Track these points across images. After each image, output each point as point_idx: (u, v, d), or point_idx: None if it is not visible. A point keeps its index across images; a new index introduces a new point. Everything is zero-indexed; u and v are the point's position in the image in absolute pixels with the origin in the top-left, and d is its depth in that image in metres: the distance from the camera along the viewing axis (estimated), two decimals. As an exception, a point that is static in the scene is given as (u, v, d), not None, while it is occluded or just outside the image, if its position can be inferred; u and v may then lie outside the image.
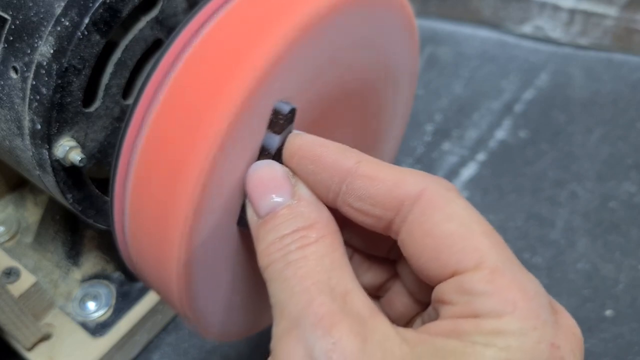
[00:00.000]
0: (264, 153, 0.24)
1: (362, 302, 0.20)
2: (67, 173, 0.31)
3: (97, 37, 0.29)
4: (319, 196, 0.23)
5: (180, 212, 0.23)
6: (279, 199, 0.22)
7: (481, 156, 0.57)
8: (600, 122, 0.60)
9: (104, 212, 0.34)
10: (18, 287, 0.38)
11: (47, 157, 0.30)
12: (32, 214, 0.45)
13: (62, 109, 0.29)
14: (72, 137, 0.30)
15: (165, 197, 0.23)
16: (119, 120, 0.32)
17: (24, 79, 0.29)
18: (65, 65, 0.28)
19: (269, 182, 0.23)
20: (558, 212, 0.52)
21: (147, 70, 0.26)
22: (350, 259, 0.26)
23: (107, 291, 0.42)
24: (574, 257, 0.49)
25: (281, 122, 0.24)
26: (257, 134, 0.24)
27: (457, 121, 0.60)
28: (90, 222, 0.34)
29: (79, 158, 0.29)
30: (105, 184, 0.32)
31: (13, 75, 0.29)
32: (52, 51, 0.28)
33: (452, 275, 0.20)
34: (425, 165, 0.56)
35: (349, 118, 0.30)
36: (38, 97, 0.28)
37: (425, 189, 0.21)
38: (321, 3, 0.24)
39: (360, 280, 0.26)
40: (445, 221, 0.21)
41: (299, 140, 0.24)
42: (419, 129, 0.59)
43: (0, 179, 0.45)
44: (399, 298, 0.26)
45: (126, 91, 0.32)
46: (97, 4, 0.28)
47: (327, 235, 0.22)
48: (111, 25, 0.29)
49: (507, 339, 0.19)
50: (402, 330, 0.20)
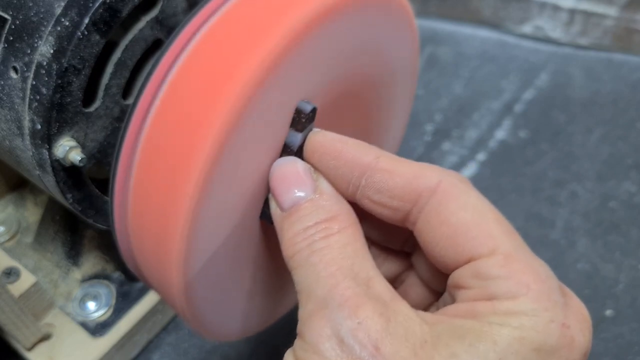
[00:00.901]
0: (286, 150, 0.25)
1: (383, 287, 0.22)
2: (67, 173, 0.31)
3: (97, 37, 0.29)
4: (340, 190, 0.24)
5: (180, 212, 0.23)
6: (302, 194, 0.23)
7: (481, 156, 0.57)
8: (600, 122, 0.60)
9: (104, 212, 0.34)
10: (18, 287, 0.38)
11: (47, 157, 0.30)
12: (32, 214, 0.45)
13: (62, 109, 0.29)
14: (72, 137, 0.30)
15: (165, 197, 0.23)
16: (119, 120, 0.32)
17: (24, 79, 0.29)
18: (65, 65, 0.28)
19: (292, 178, 0.24)
20: (558, 212, 0.52)
21: (147, 70, 0.26)
22: None
23: (107, 291, 0.42)
24: (574, 257, 0.49)
25: (303, 120, 0.25)
26: (266, 132, 0.24)
27: (457, 121, 0.60)
28: (90, 222, 0.34)
29: (79, 158, 0.29)
30: (105, 184, 0.32)
31: (13, 75, 0.29)
32: (52, 51, 0.28)
33: (468, 261, 0.22)
34: (425, 165, 0.56)
35: (349, 118, 0.30)
36: (38, 97, 0.28)
37: (441, 181, 0.23)
38: (321, 3, 0.24)
39: None
40: (460, 210, 0.22)
41: (320, 137, 0.25)
42: (419, 129, 0.59)
43: (0, 179, 0.45)
44: (414, 289, 0.27)
45: (126, 91, 0.32)
46: (97, 4, 0.28)
47: (349, 227, 0.23)
48: (111, 25, 0.29)
49: (520, 319, 0.20)
50: (422, 313, 0.21)
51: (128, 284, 0.43)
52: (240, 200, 0.25)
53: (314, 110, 0.25)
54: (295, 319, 0.23)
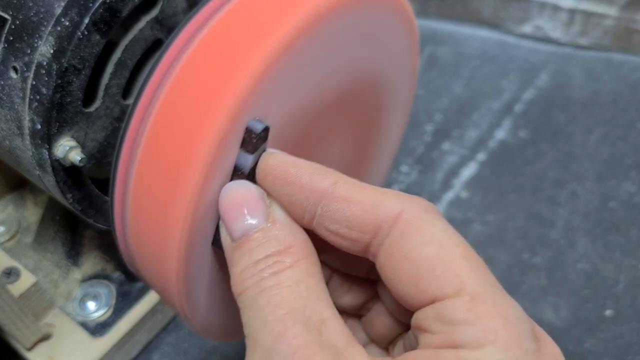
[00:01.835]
0: (237, 173, 0.23)
1: (338, 331, 0.20)
2: (67, 173, 0.31)
3: (97, 37, 0.29)
4: (295, 218, 0.22)
5: (180, 211, 0.23)
6: (253, 221, 0.22)
7: (481, 156, 0.57)
8: (600, 122, 0.60)
9: (104, 212, 0.34)
10: (18, 287, 0.38)
11: (47, 157, 0.30)
12: (32, 214, 0.45)
13: (62, 109, 0.29)
14: (72, 137, 0.30)
15: (165, 197, 0.23)
16: (119, 120, 0.32)
17: (24, 79, 0.29)
18: (65, 65, 0.28)
19: (242, 204, 0.22)
20: (558, 212, 0.52)
21: (147, 70, 0.26)
22: (329, 280, 0.26)
23: (107, 291, 0.42)
24: (574, 257, 0.49)
25: (254, 141, 0.23)
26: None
27: (457, 121, 0.60)
28: (90, 222, 0.34)
29: (79, 158, 0.29)
30: (105, 184, 0.32)
31: (13, 75, 0.29)
32: (52, 51, 0.28)
33: (432, 301, 0.20)
34: (425, 165, 0.56)
35: (349, 119, 0.30)
36: (38, 97, 0.28)
37: (403, 210, 0.21)
38: (321, 3, 0.24)
39: (340, 301, 0.26)
40: (423, 244, 0.20)
41: (273, 160, 0.23)
42: (419, 129, 0.59)
43: (0, 179, 0.45)
44: (380, 318, 0.26)
45: (126, 91, 0.32)
46: (97, 4, 0.28)
47: (303, 260, 0.21)
48: (111, 25, 0.29)
49: None
50: None
51: (128, 284, 0.43)
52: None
53: (266, 130, 0.23)
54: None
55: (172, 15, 0.32)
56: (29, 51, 0.28)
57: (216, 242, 0.24)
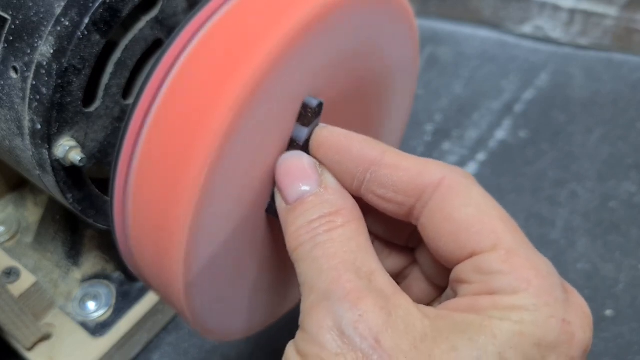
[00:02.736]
0: (292, 144, 0.25)
1: (385, 281, 0.22)
2: (67, 173, 0.31)
3: (97, 37, 0.29)
4: (344, 185, 0.24)
5: (180, 212, 0.23)
6: (307, 187, 0.24)
7: (481, 156, 0.57)
8: (600, 122, 0.60)
9: (104, 212, 0.34)
10: (18, 287, 0.38)
11: (47, 157, 0.30)
12: (32, 214, 0.45)
13: (62, 109, 0.29)
14: (72, 137, 0.30)
15: (165, 197, 0.23)
16: (119, 120, 0.32)
17: (24, 79, 0.29)
18: (65, 65, 0.28)
19: (297, 172, 0.24)
20: (558, 212, 0.52)
21: (147, 70, 0.26)
22: None
23: (107, 291, 0.42)
24: (574, 257, 0.49)
25: (309, 115, 0.25)
26: (267, 131, 0.24)
27: (457, 121, 0.60)
28: (90, 222, 0.34)
29: (79, 158, 0.29)
30: (105, 184, 0.32)
31: (13, 75, 0.29)
32: (52, 51, 0.28)
33: (470, 256, 0.22)
34: (425, 165, 0.56)
35: (348, 118, 0.30)
36: (38, 97, 0.28)
37: (445, 177, 0.23)
38: (321, 3, 0.24)
39: None
40: (464, 206, 0.22)
41: (326, 132, 0.25)
42: (419, 129, 0.59)
43: (0, 179, 0.45)
44: (417, 284, 0.27)
45: (126, 91, 0.32)
46: (97, 4, 0.28)
47: (353, 221, 0.23)
48: (111, 25, 0.29)
49: (521, 314, 0.20)
50: (423, 307, 0.21)
51: (128, 284, 0.43)
52: (242, 200, 0.25)
53: (321, 105, 0.25)
54: (296, 318, 0.23)
55: (172, 15, 0.32)
56: (29, 51, 0.28)
57: (270, 209, 0.26)
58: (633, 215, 0.52)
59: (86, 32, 0.28)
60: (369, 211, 0.25)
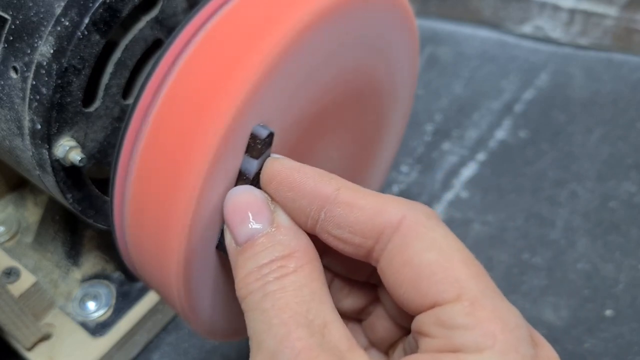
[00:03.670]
0: (241, 178, 0.24)
1: (340, 334, 0.20)
2: (67, 173, 0.31)
3: (97, 37, 0.29)
4: (298, 223, 0.23)
5: (180, 212, 0.23)
6: (258, 226, 0.22)
7: (481, 156, 0.57)
8: (600, 122, 0.60)
9: (104, 212, 0.34)
10: (18, 287, 0.38)
11: (47, 157, 0.30)
12: (32, 214, 0.45)
13: (62, 109, 0.29)
14: (72, 137, 0.30)
15: (165, 197, 0.23)
16: (119, 120, 0.32)
17: (24, 79, 0.29)
18: (65, 65, 0.28)
19: (247, 208, 0.22)
20: (558, 212, 0.52)
21: (147, 70, 0.26)
22: (330, 284, 0.27)
23: (107, 291, 0.42)
24: (574, 257, 0.49)
25: (259, 146, 0.23)
26: (272, 127, 0.24)
27: (457, 121, 0.60)
28: (90, 222, 0.34)
29: (78, 158, 0.29)
30: (105, 184, 0.32)
31: (13, 75, 0.29)
32: (52, 51, 0.28)
33: (432, 306, 0.20)
34: (425, 165, 0.56)
35: (348, 119, 0.30)
36: (38, 97, 0.28)
37: (405, 216, 0.21)
38: (321, 3, 0.24)
39: (341, 305, 0.27)
40: (425, 250, 0.21)
41: (278, 166, 0.23)
42: (419, 129, 0.59)
43: (0, 179, 0.45)
44: (381, 322, 0.26)
45: (126, 91, 0.32)
46: (97, 4, 0.28)
47: (306, 265, 0.21)
48: (111, 25, 0.29)
49: None
50: None
51: (128, 284, 0.43)
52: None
53: (271, 135, 0.23)
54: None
55: (172, 15, 0.32)
56: (29, 51, 0.28)
57: (220, 246, 0.24)
58: (633, 215, 0.52)
59: (86, 32, 0.28)
60: (326, 249, 0.24)
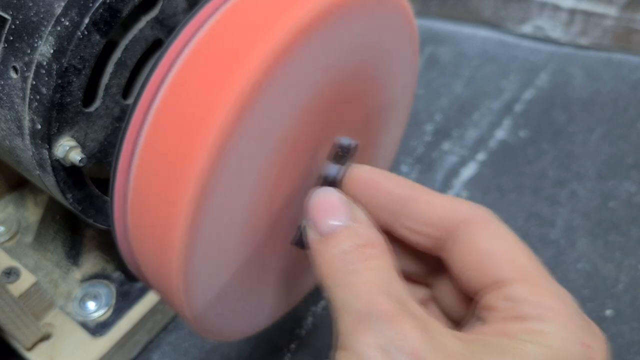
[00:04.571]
0: (326, 181, 0.27)
1: (418, 308, 0.23)
2: (67, 173, 0.31)
3: (97, 37, 0.29)
4: (376, 219, 0.26)
5: (180, 212, 0.23)
6: (339, 222, 0.25)
7: (481, 156, 0.57)
8: (601, 122, 0.60)
9: (104, 211, 0.34)
10: (18, 287, 0.38)
11: (47, 156, 0.30)
12: (32, 213, 0.45)
13: (62, 109, 0.29)
14: (72, 137, 0.30)
15: (165, 197, 0.23)
16: (119, 120, 0.32)
17: (24, 79, 0.29)
18: (65, 65, 0.28)
19: (330, 207, 0.25)
20: (558, 212, 0.52)
21: (147, 70, 0.26)
22: None
23: (107, 291, 0.42)
24: (574, 257, 0.49)
25: (341, 154, 0.27)
26: (267, 130, 0.24)
27: (457, 121, 0.60)
28: (90, 221, 0.34)
29: (79, 158, 0.29)
30: (105, 184, 0.32)
31: (13, 75, 0.29)
32: (52, 51, 0.28)
33: (496, 284, 0.24)
34: (425, 165, 0.56)
35: (348, 119, 0.30)
36: (38, 97, 0.28)
37: (475, 213, 0.25)
38: (321, 3, 0.24)
39: None
40: (493, 240, 0.24)
41: (362, 171, 0.27)
42: (419, 129, 0.59)
43: (0, 179, 0.45)
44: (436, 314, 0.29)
45: (126, 91, 0.32)
46: (97, 4, 0.28)
47: (384, 254, 0.24)
48: (111, 25, 0.29)
49: (550, 338, 0.22)
50: (455, 331, 0.23)
51: (128, 284, 0.43)
52: (243, 200, 0.25)
53: (356, 147, 0.28)
54: (296, 318, 0.23)
55: (172, 15, 0.32)
56: (29, 51, 0.28)
57: (298, 242, 0.27)
58: (633, 215, 0.52)
59: (86, 32, 0.28)
60: (392, 247, 0.26)
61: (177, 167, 0.23)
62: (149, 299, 0.42)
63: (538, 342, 0.21)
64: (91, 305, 0.42)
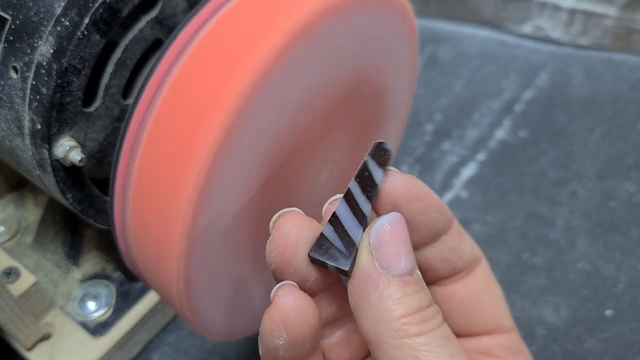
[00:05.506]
0: (364, 183, 0.22)
1: None
2: (67, 173, 0.31)
3: (97, 37, 0.29)
4: (420, 235, 0.22)
5: (180, 211, 0.23)
6: (409, 266, 0.20)
7: (481, 156, 0.57)
8: (601, 122, 0.60)
9: (104, 212, 0.34)
10: (18, 287, 0.38)
11: (47, 157, 0.30)
12: (32, 213, 0.45)
13: (62, 109, 0.29)
14: (72, 137, 0.30)
15: (165, 197, 0.23)
16: (119, 120, 0.32)
17: (24, 79, 0.29)
18: (65, 65, 0.28)
19: (403, 242, 0.20)
20: (558, 212, 0.52)
21: (147, 70, 0.26)
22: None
23: (107, 291, 0.42)
24: (574, 257, 0.49)
25: (386, 160, 0.22)
26: (267, 129, 0.24)
27: (457, 121, 0.60)
28: (90, 222, 0.34)
29: (79, 158, 0.29)
30: (105, 184, 0.32)
31: (13, 75, 0.29)
32: (52, 51, 0.28)
33: (491, 332, 0.25)
34: (425, 165, 0.56)
35: (349, 119, 0.30)
36: (38, 97, 0.28)
37: (482, 257, 0.26)
38: (321, 3, 0.24)
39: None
40: (489, 289, 0.25)
41: (407, 180, 0.22)
42: (419, 129, 0.59)
43: (0, 179, 0.45)
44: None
45: (126, 91, 0.32)
46: (97, 4, 0.28)
47: (439, 314, 0.21)
48: (111, 25, 0.29)
49: None
50: None
51: (128, 284, 0.43)
52: (243, 200, 0.25)
53: (390, 152, 0.22)
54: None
55: (172, 15, 0.32)
56: (29, 51, 0.28)
57: (315, 260, 0.22)
58: (633, 215, 0.52)
59: (86, 32, 0.28)
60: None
61: (177, 167, 0.23)
62: (149, 299, 0.42)
63: None
64: (91, 305, 0.42)
